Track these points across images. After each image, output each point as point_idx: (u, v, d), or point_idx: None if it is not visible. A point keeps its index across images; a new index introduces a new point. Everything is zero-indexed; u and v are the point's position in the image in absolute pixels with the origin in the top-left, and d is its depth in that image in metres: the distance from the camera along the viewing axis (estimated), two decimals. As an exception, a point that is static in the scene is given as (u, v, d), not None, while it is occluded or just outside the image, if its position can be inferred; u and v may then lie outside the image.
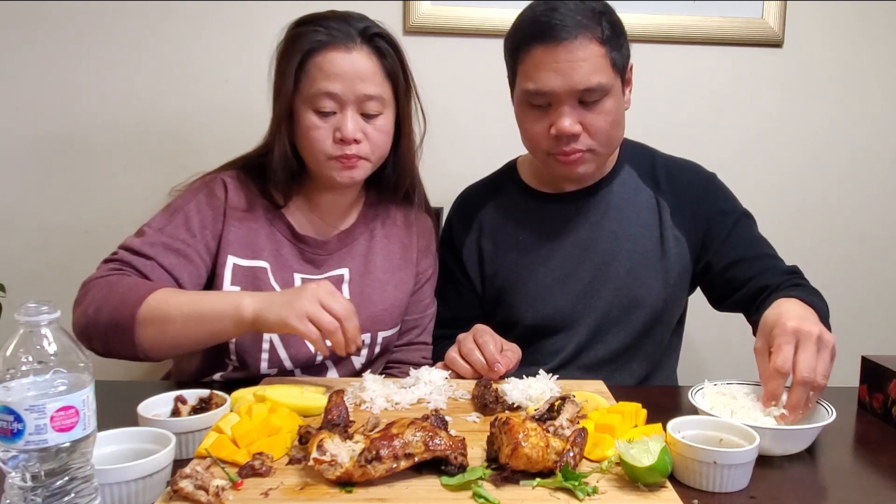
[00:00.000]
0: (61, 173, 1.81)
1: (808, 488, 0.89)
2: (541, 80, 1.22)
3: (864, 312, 1.95)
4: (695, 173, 1.42)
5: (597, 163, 1.31)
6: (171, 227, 1.24)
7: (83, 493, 0.70)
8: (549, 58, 1.21)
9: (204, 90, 1.80)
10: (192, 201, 1.27)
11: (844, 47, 1.86)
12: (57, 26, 1.75)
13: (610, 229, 1.37)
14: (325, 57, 1.21)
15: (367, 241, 1.38)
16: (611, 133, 1.28)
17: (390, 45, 1.26)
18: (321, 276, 1.32)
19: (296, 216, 1.33)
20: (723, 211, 1.38)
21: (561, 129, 1.23)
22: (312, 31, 1.22)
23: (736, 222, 1.37)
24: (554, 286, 1.37)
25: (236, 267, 1.26)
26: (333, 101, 1.21)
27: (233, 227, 1.27)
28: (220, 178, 1.30)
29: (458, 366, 1.22)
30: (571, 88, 1.21)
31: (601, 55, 1.22)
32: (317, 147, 1.23)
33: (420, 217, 1.46)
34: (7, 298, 1.63)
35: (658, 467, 0.80)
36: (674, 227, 1.37)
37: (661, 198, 1.38)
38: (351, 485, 0.80)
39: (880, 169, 1.92)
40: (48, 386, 0.68)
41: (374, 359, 1.39)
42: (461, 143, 1.82)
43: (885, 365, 1.12)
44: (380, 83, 1.24)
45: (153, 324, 1.09)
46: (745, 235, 1.36)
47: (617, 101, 1.27)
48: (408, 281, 1.41)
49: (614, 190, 1.39)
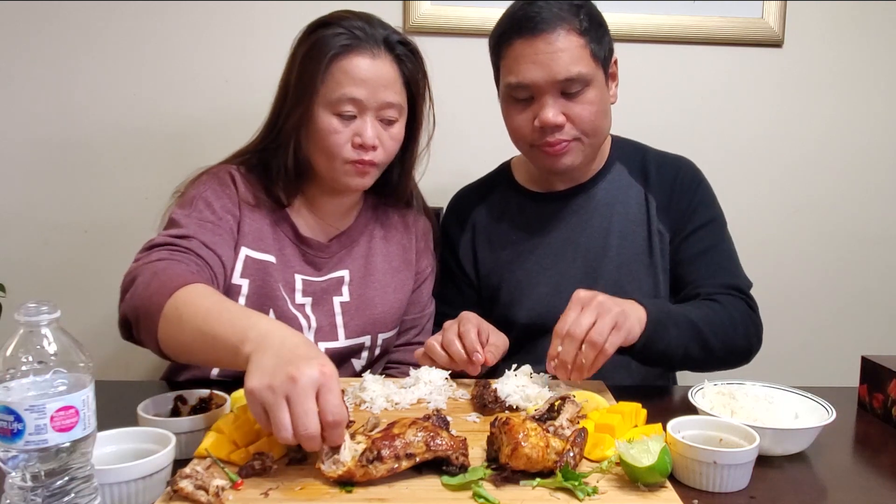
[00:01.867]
0: (61, 173, 1.81)
1: (808, 488, 0.89)
2: (522, 73, 1.24)
3: (864, 312, 1.95)
4: (683, 168, 1.42)
5: (583, 153, 1.31)
6: (196, 212, 1.21)
7: (83, 493, 0.70)
8: (529, 50, 1.23)
9: (204, 90, 1.80)
10: (208, 188, 1.25)
11: (844, 47, 1.86)
12: (56, 26, 1.75)
13: (600, 226, 1.38)
14: (351, 61, 1.20)
15: (366, 244, 1.38)
16: (595, 123, 1.28)
17: (411, 52, 1.27)
18: (322, 278, 1.32)
19: (299, 217, 1.33)
20: (695, 210, 1.37)
21: (544, 120, 1.24)
22: (339, 34, 1.21)
23: (704, 225, 1.36)
24: (546, 285, 1.38)
25: (248, 258, 1.25)
26: (355, 106, 1.21)
27: (247, 219, 1.26)
28: (226, 170, 1.29)
29: (436, 354, 1.16)
30: (552, 79, 1.22)
31: (580, 45, 1.23)
32: (334, 151, 1.22)
33: (419, 218, 1.46)
34: (7, 298, 1.62)
35: (658, 467, 0.80)
36: (658, 222, 1.37)
37: (649, 193, 1.39)
38: (351, 485, 0.81)
39: (880, 169, 1.92)
40: (48, 386, 0.68)
41: (374, 360, 1.39)
42: (461, 142, 1.82)
43: (885, 365, 1.12)
44: (399, 91, 1.25)
45: (173, 322, 0.98)
46: (708, 239, 1.36)
47: (600, 92, 1.27)
48: (407, 282, 1.41)
49: (604, 187, 1.40)
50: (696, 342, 1.18)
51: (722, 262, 1.35)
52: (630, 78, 1.82)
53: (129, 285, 1.06)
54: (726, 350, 1.22)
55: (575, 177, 1.39)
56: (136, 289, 1.04)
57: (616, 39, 1.34)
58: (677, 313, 1.18)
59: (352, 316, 1.33)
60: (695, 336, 1.17)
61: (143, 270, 1.06)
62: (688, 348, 1.17)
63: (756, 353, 1.28)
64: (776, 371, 1.80)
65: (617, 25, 1.79)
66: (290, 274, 1.29)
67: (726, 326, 1.21)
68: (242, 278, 1.24)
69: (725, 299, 1.26)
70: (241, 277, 1.24)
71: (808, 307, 1.94)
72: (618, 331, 1.06)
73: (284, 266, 1.29)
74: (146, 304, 1.01)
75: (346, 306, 1.33)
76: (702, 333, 1.18)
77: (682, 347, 1.16)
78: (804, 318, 1.94)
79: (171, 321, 0.98)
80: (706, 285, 1.30)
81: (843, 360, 1.49)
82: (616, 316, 1.06)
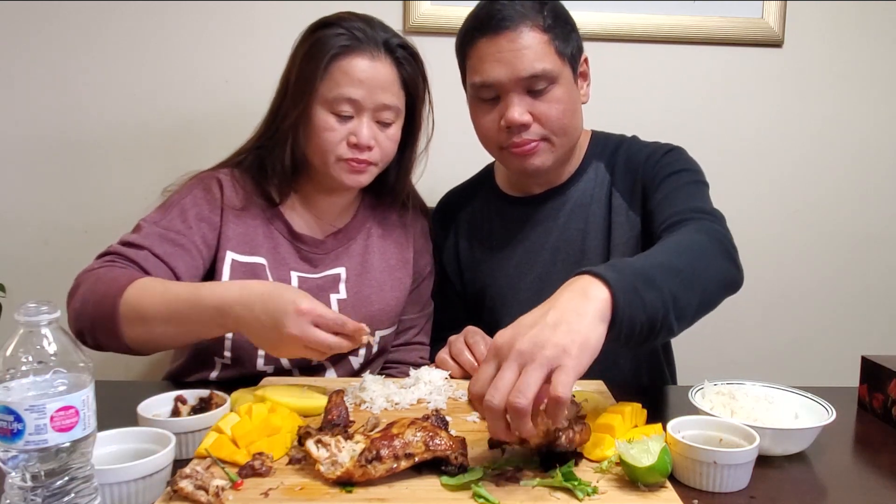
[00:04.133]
0: (61, 173, 1.81)
1: (808, 488, 0.89)
2: (485, 72, 1.23)
3: (864, 312, 1.95)
4: (653, 149, 1.34)
5: (553, 154, 1.28)
6: (166, 220, 1.24)
7: (83, 493, 0.70)
8: (492, 48, 1.22)
9: (204, 90, 1.80)
10: (188, 196, 1.27)
11: (844, 47, 1.86)
12: (55, 26, 1.75)
13: (576, 228, 1.36)
14: (350, 62, 1.21)
15: (363, 241, 1.39)
16: (564, 121, 1.25)
17: (411, 56, 1.28)
18: (318, 275, 1.33)
19: (293, 215, 1.34)
20: (663, 167, 1.28)
21: (510, 119, 1.22)
22: (340, 35, 1.22)
23: (674, 173, 1.26)
24: (528, 290, 1.37)
25: (235, 262, 1.26)
26: (352, 106, 1.22)
27: (231, 224, 1.27)
28: (215, 176, 1.30)
29: (449, 367, 1.21)
30: (516, 77, 1.21)
31: (544, 42, 1.22)
32: (329, 148, 1.23)
33: (417, 218, 1.46)
34: (7, 298, 1.63)
35: (658, 467, 0.80)
36: (627, 209, 1.31)
37: (614, 183, 1.34)
38: (351, 485, 0.80)
39: (880, 169, 1.92)
40: (48, 386, 0.68)
41: (372, 359, 1.39)
42: (460, 143, 1.81)
43: (885, 365, 1.12)
44: (397, 93, 1.26)
45: (137, 322, 1.07)
46: (675, 182, 1.25)
47: (567, 90, 1.25)
48: (405, 280, 1.41)
49: (580, 188, 1.37)
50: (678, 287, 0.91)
51: (689, 197, 1.21)
52: (630, 78, 1.83)
53: (74, 292, 1.12)
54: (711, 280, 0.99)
55: (549, 179, 1.37)
56: (80, 297, 1.10)
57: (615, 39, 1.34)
58: (644, 266, 0.91)
59: (348, 313, 1.31)
60: (674, 281, 0.91)
61: (84, 279, 1.13)
62: (675, 299, 0.90)
63: (742, 279, 1.09)
64: (776, 371, 1.81)
65: (616, 25, 1.80)
66: (284, 272, 1.30)
67: (698, 252, 1.00)
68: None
69: (688, 224, 1.10)
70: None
71: (808, 307, 1.94)
72: (562, 372, 0.76)
73: (278, 265, 1.30)
74: (97, 310, 1.08)
75: (342, 303, 1.33)
76: (679, 273, 0.93)
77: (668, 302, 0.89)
78: (804, 318, 1.94)
79: (132, 318, 1.06)
80: (669, 218, 1.16)
81: (843, 360, 1.48)
82: (550, 357, 0.76)
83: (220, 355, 1.27)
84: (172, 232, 1.22)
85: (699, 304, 0.96)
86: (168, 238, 1.21)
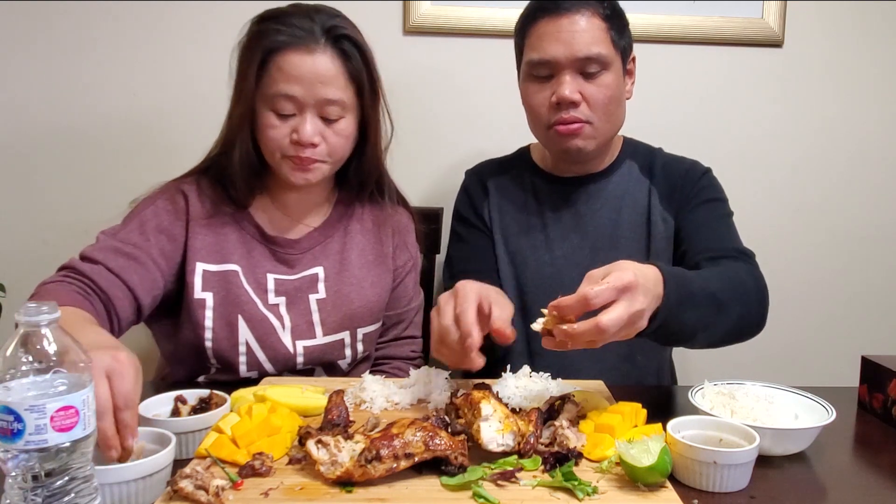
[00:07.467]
0: (61, 173, 1.81)
1: (808, 488, 0.89)
2: (544, 49, 1.28)
3: (864, 312, 1.95)
4: (692, 166, 1.44)
5: (595, 140, 1.32)
6: (123, 232, 1.23)
7: (83, 493, 0.70)
8: (552, 28, 1.27)
9: (204, 90, 1.79)
10: (150, 207, 1.27)
11: (844, 47, 1.86)
12: (54, 26, 1.75)
13: (609, 217, 1.40)
14: (285, 58, 1.18)
15: (341, 239, 1.37)
16: (609, 108, 1.31)
17: (356, 47, 1.22)
18: (295, 275, 1.31)
19: (263, 217, 1.32)
20: (700, 190, 1.39)
21: (561, 95, 1.27)
22: (274, 30, 1.19)
23: (710, 200, 1.38)
24: (551, 265, 1.39)
25: (206, 273, 1.25)
26: (292, 103, 1.19)
27: (199, 235, 1.26)
28: (179, 187, 1.29)
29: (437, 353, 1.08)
30: (573, 56, 1.26)
31: (602, 29, 1.28)
32: (272, 146, 1.22)
33: (396, 212, 1.43)
34: (7, 298, 1.62)
35: (658, 467, 0.80)
36: (662, 210, 1.39)
37: (654, 186, 1.41)
38: (351, 485, 0.81)
39: (880, 169, 1.92)
40: (48, 386, 0.68)
41: (360, 359, 1.38)
42: (461, 142, 1.82)
43: (885, 365, 1.12)
44: (342, 87, 1.21)
45: None
46: (712, 212, 1.37)
47: (616, 78, 1.31)
48: (385, 276, 1.40)
49: (615, 180, 1.42)
50: (715, 317, 1.06)
51: (728, 232, 1.35)
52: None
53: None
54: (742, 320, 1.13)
55: (587, 167, 1.42)
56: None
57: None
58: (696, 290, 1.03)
59: (329, 313, 1.32)
60: (713, 311, 1.06)
61: (38, 293, 1.11)
62: (706, 326, 1.06)
63: (763, 325, 1.19)
64: (776, 371, 1.81)
65: (617, 25, 1.79)
66: (261, 275, 1.29)
67: (740, 293, 1.12)
68: (205, 292, 1.25)
69: (733, 263, 1.22)
70: (203, 291, 1.25)
71: (808, 307, 1.94)
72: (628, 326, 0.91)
73: (253, 269, 1.29)
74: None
75: (322, 303, 1.32)
76: (721, 306, 1.07)
77: (698, 328, 1.05)
78: (804, 317, 1.94)
79: None
80: (712, 249, 1.28)
81: (843, 360, 1.49)
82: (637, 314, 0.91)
83: (209, 361, 1.27)
84: (129, 245, 1.21)
85: (722, 336, 1.13)
86: (123, 252, 1.20)
